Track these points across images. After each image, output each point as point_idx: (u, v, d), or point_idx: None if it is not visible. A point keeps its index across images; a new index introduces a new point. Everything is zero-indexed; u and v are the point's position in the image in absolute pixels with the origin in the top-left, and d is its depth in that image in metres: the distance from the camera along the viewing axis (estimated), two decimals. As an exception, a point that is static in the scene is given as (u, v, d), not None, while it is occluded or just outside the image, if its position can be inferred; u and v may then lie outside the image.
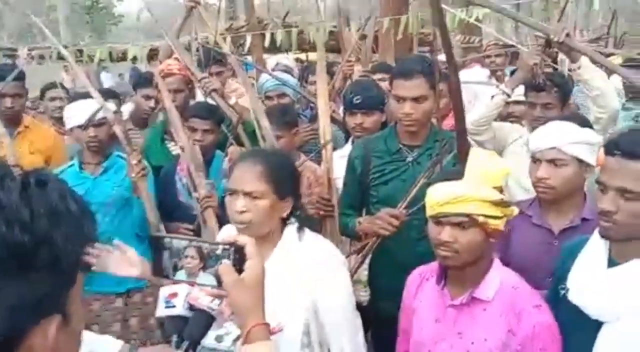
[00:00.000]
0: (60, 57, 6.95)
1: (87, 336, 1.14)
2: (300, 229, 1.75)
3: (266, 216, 1.65)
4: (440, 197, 1.57)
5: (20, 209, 0.59)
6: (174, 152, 3.02)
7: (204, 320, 1.39)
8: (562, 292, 1.58)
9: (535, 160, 2.07)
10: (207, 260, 1.11)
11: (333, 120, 3.17)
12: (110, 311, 2.74)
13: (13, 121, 3.15)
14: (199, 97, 3.42)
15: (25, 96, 3.37)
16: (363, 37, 4.35)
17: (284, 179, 1.70)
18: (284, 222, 1.74)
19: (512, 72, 4.27)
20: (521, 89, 2.84)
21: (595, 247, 1.55)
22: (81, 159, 2.79)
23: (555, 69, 3.52)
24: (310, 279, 1.65)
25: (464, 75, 3.41)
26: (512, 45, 4.56)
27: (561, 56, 3.66)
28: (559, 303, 1.59)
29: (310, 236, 1.78)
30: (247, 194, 1.64)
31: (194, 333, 1.39)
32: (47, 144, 3.25)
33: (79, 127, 2.69)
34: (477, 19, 6.14)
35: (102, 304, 2.73)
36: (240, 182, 1.66)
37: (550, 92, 2.68)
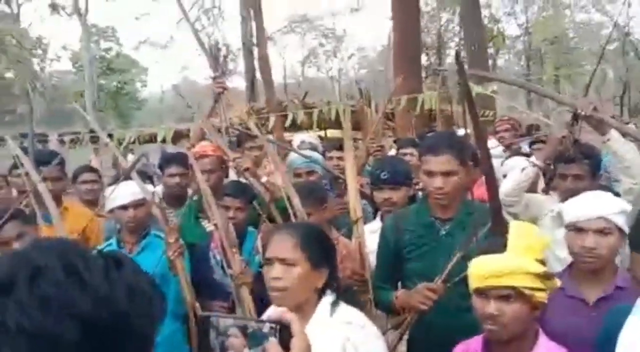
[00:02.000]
0: (92, 141, 7.24)
1: None
2: (335, 303, 1.76)
3: (300, 283, 1.68)
4: (485, 270, 1.59)
5: (104, 289, 0.63)
6: (207, 230, 3.09)
7: None
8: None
9: (576, 229, 2.07)
10: (253, 338, 1.12)
11: (362, 194, 3.24)
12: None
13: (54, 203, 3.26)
14: (232, 176, 3.54)
15: (65, 179, 3.51)
16: (389, 118, 4.51)
17: (317, 249, 1.74)
18: (320, 294, 1.75)
19: (531, 144, 4.37)
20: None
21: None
22: (119, 238, 2.87)
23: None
24: (341, 350, 1.63)
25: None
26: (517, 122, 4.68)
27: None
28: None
29: (344, 309, 1.78)
30: (281, 261, 1.69)
31: None
32: (83, 225, 3.35)
33: (121, 207, 2.79)
34: (493, 92, 6.35)
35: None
36: (275, 251, 1.72)
37: (580, 164, 2.74)
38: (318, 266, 1.72)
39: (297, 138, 5.53)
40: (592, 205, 2.07)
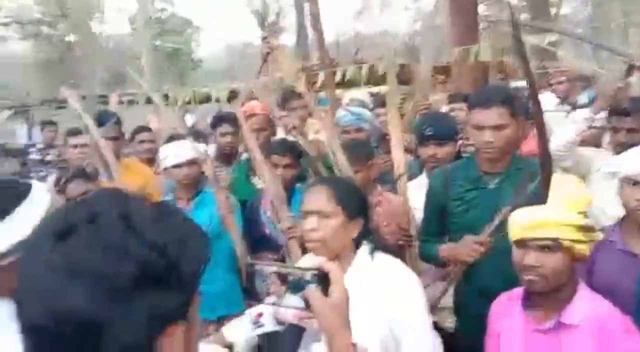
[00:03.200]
0: (148, 102, 7.47)
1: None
2: (372, 251, 1.81)
3: (336, 234, 1.74)
4: (525, 221, 1.59)
5: (156, 235, 0.69)
6: (258, 187, 3.19)
7: (296, 333, 1.48)
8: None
9: (631, 183, 2.01)
10: (295, 285, 1.19)
11: (407, 150, 3.24)
12: (204, 338, 2.88)
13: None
14: (280, 134, 3.60)
15: (123, 138, 3.67)
16: (439, 74, 4.42)
17: (352, 200, 1.79)
18: (356, 244, 1.80)
19: (591, 96, 4.19)
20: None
21: None
22: (175, 195, 3.01)
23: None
24: (385, 298, 1.68)
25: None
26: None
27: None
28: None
29: (383, 257, 1.82)
30: (317, 213, 1.75)
31: (288, 346, 1.48)
32: (142, 182, 3.52)
33: (174, 166, 2.92)
34: (550, 43, 6.06)
35: (196, 330, 2.88)
36: (311, 203, 1.78)
37: (635, 117, 2.63)
38: (353, 217, 1.77)
39: (347, 95, 5.51)
40: None
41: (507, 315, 1.76)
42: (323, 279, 1.14)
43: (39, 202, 1.17)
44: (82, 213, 0.70)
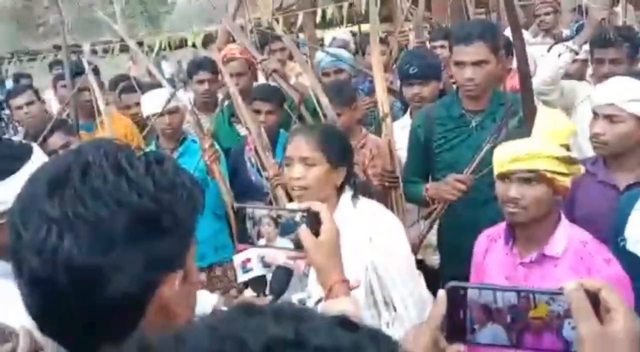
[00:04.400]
0: (123, 50, 7.25)
1: None
2: (354, 196, 1.84)
3: (320, 182, 1.75)
4: (508, 154, 1.61)
5: (147, 183, 0.70)
6: (241, 134, 3.16)
7: (284, 274, 1.52)
8: (622, 243, 1.61)
9: (594, 115, 2.06)
10: (284, 226, 1.21)
11: (390, 91, 3.21)
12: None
13: (93, 114, 3.37)
14: (261, 79, 3.54)
15: (103, 89, 3.58)
16: (415, 4, 4.32)
17: (336, 148, 1.80)
18: (339, 191, 1.83)
19: (578, 29, 4.15)
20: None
21: None
22: (157, 144, 2.98)
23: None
24: (367, 240, 1.71)
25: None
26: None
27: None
28: (619, 254, 1.62)
29: (365, 202, 1.86)
30: (301, 161, 1.76)
31: (276, 287, 1.52)
32: (124, 132, 3.48)
33: (154, 115, 2.87)
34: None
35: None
36: (295, 151, 1.79)
37: (619, 48, 2.61)
38: (337, 164, 1.78)
39: (328, 36, 5.41)
40: (605, 91, 2.02)
41: (490, 250, 1.81)
42: (312, 219, 1.16)
43: (40, 162, 1.17)
44: (73, 164, 0.70)
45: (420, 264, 2.24)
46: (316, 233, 1.16)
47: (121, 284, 0.67)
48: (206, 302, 1.53)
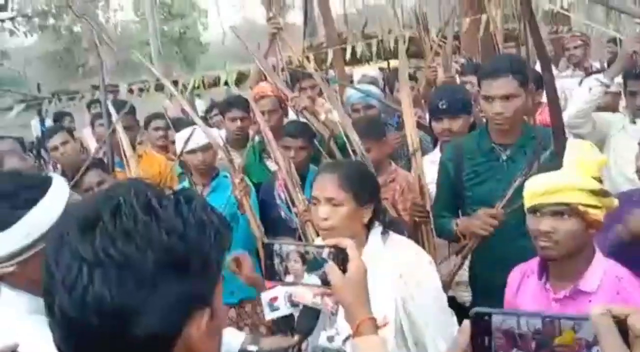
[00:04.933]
0: (158, 89, 7.47)
1: None
2: (384, 232, 1.81)
3: (347, 222, 1.74)
4: (538, 187, 1.59)
5: (176, 222, 0.71)
6: (272, 169, 3.20)
7: (311, 314, 1.50)
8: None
9: None
10: (312, 262, 1.21)
11: (420, 125, 3.22)
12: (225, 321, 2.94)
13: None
14: (292, 115, 3.60)
15: (137, 128, 3.69)
16: (444, 39, 4.36)
17: (362, 186, 1.78)
18: (368, 227, 1.81)
19: (609, 62, 4.11)
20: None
21: None
22: (191, 181, 3.04)
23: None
24: (397, 277, 1.69)
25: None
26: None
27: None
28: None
29: (395, 238, 1.83)
30: (327, 201, 1.74)
31: (304, 326, 1.50)
32: (157, 170, 3.56)
33: (189, 152, 2.94)
34: (562, 8, 5.92)
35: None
36: (321, 191, 1.77)
37: None
38: (363, 203, 1.76)
39: (357, 72, 5.49)
40: None
41: (523, 286, 1.77)
42: (340, 256, 1.16)
43: (60, 195, 1.20)
44: (104, 204, 0.72)
45: (452, 302, 2.19)
46: (343, 270, 1.16)
47: (150, 324, 0.68)
48: (233, 340, 1.52)
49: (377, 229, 1.82)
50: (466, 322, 0.76)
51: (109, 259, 0.68)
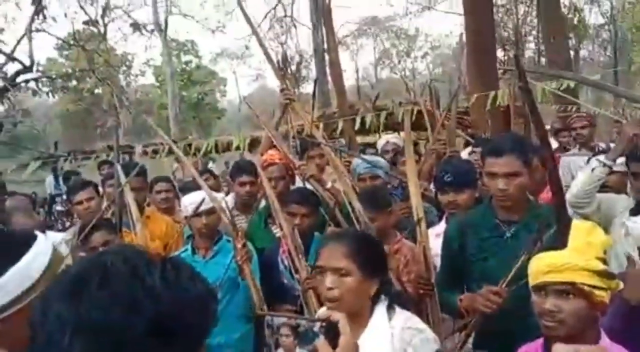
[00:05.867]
0: (171, 152, 7.62)
1: None
2: (390, 307, 1.78)
3: (354, 293, 1.71)
4: (543, 266, 1.58)
5: (162, 290, 0.72)
6: (276, 235, 3.20)
7: None
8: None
9: None
10: (304, 336, 1.19)
11: (425, 197, 3.24)
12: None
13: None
14: (298, 183, 3.63)
15: (147, 189, 3.73)
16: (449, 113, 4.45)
17: (369, 258, 1.76)
18: (374, 300, 1.77)
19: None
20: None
21: None
22: (193, 244, 3.04)
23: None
24: None
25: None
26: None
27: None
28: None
29: (400, 313, 1.80)
30: (334, 272, 1.72)
31: None
32: (164, 231, 3.57)
33: (193, 215, 2.96)
34: (568, 88, 6.06)
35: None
36: (327, 260, 1.75)
37: None
38: (370, 274, 1.74)
39: (382, 139, 5.62)
40: None
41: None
42: (331, 330, 1.14)
43: (41, 254, 1.19)
44: (94, 268, 0.73)
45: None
46: (334, 345, 1.13)
47: None
48: None
49: (383, 302, 1.78)
50: None
51: (92, 323, 0.67)
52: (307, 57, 23.20)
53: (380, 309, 1.77)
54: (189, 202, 3.02)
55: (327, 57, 14.25)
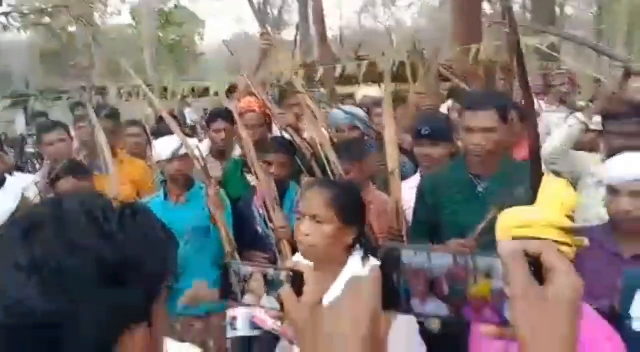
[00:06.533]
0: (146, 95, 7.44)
1: (170, 344, 1.25)
2: (365, 257, 1.79)
3: (329, 241, 1.71)
4: (511, 221, 1.60)
5: (118, 235, 0.71)
6: (252, 184, 3.19)
7: (269, 340, 1.48)
8: (627, 322, 1.55)
9: (613, 191, 2.03)
10: (271, 285, 1.19)
11: (402, 150, 3.23)
12: (190, 333, 2.89)
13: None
14: (276, 131, 3.60)
15: (121, 133, 3.66)
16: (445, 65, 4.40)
17: (349, 207, 1.77)
18: (349, 250, 1.78)
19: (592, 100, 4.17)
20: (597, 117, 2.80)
21: None
22: (166, 190, 3.01)
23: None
24: None
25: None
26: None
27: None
28: (624, 332, 1.56)
29: (374, 263, 1.82)
30: (312, 218, 1.72)
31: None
32: (137, 176, 3.52)
33: (165, 161, 2.92)
34: (553, 45, 6.03)
35: (183, 325, 2.89)
36: (307, 207, 1.76)
37: (630, 122, 2.62)
38: (348, 224, 1.74)
39: (360, 92, 5.55)
40: (628, 166, 2.01)
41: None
42: (297, 280, 1.15)
43: (8, 200, 1.17)
44: (49, 213, 0.71)
45: (421, 328, 2.18)
46: (299, 294, 1.14)
47: (82, 337, 0.67)
48: None
49: (358, 252, 1.79)
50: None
51: (46, 268, 0.66)
52: (289, 1, 22.64)
53: (355, 259, 1.78)
54: (161, 147, 2.96)
55: (310, 2, 13.92)
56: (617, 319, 1.66)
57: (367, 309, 0.71)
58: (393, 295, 0.69)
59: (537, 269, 0.63)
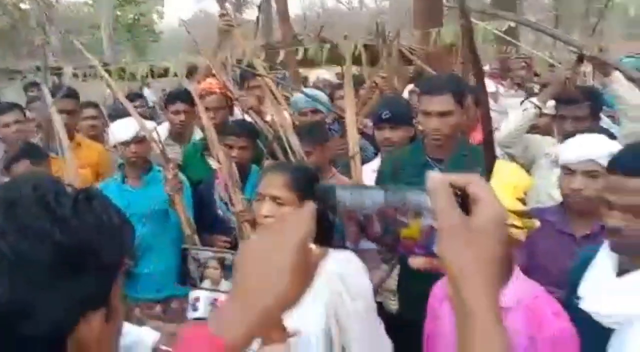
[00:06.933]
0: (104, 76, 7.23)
1: (128, 328, 1.25)
2: None
3: None
4: None
5: (72, 220, 0.70)
6: (213, 167, 3.17)
7: None
8: (575, 301, 1.63)
9: (568, 171, 2.11)
10: (229, 269, 1.20)
11: (364, 134, 3.27)
12: (149, 317, 2.89)
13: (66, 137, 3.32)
14: (237, 114, 3.57)
15: (78, 114, 3.56)
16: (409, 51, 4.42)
17: (308, 189, 1.79)
18: None
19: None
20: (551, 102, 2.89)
21: (605, 257, 1.61)
22: (124, 173, 2.96)
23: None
24: (330, 286, 1.70)
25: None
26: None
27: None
28: (572, 311, 1.64)
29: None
30: (273, 200, 1.75)
31: None
32: (95, 159, 3.45)
33: (122, 143, 2.87)
34: (510, 29, 6.13)
35: (142, 309, 2.88)
36: (267, 188, 1.78)
37: (581, 105, 2.72)
38: None
39: (313, 74, 5.51)
40: (582, 147, 2.09)
41: (446, 298, 1.81)
42: None
43: None
44: (2, 197, 0.70)
45: (379, 308, 2.24)
46: None
47: (39, 324, 0.66)
48: (147, 338, 1.49)
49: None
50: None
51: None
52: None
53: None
54: (117, 129, 2.91)
55: (272, -18, 13.70)
56: (567, 297, 1.74)
57: (296, 237, 0.70)
58: (327, 231, 0.71)
59: (464, 200, 0.65)
